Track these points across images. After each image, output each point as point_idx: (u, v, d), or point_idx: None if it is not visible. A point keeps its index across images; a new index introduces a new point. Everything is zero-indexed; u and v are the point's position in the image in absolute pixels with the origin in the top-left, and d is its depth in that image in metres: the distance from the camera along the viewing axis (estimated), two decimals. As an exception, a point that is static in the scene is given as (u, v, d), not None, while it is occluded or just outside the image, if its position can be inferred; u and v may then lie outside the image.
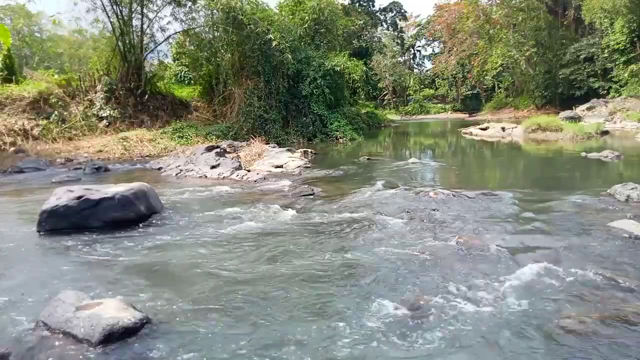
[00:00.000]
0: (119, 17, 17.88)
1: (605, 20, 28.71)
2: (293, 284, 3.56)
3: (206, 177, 9.44)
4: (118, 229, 5.20)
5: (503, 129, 19.33)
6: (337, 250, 4.34)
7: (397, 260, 3.99)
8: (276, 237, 4.86)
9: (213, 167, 9.89)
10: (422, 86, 52.37)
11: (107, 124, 16.24)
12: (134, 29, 18.39)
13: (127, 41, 18.16)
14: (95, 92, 17.11)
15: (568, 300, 3.14)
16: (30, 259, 4.30)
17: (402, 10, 53.58)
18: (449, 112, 46.36)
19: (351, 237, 4.77)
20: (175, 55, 24.09)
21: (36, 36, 36.77)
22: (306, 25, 21.06)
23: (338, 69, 18.81)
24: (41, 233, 5.12)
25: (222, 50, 18.49)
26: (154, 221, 5.58)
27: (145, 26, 18.74)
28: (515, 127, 19.15)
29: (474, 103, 46.04)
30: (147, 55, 19.83)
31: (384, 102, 49.24)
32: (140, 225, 5.40)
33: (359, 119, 23.58)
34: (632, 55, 27.66)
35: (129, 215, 5.46)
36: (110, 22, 18.09)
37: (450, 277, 3.59)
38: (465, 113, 43.84)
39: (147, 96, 17.86)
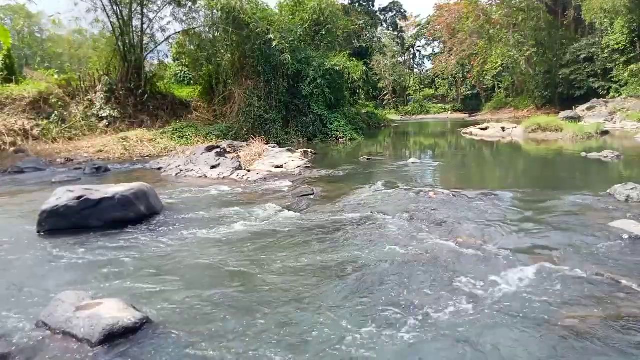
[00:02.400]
0: (119, 17, 17.89)
1: (605, 20, 28.73)
2: (292, 284, 3.57)
3: (206, 177, 9.44)
4: (118, 229, 5.20)
5: (503, 129, 19.33)
6: (337, 250, 4.34)
7: (397, 260, 3.99)
8: (276, 237, 4.86)
9: (213, 167, 9.89)
10: (422, 86, 52.45)
11: (107, 124, 16.25)
12: (134, 29, 18.41)
13: (127, 41, 18.17)
14: (95, 92, 17.12)
15: (568, 301, 3.14)
16: (31, 259, 4.30)
17: (402, 10, 53.67)
18: (449, 112, 46.40)
19: (351, 237, 4.77)
20: (175, 55, 24.12)
21: (36, 36, 36.81)
22: (306, 25, 21.06)
23: (338, 69, 18.81)
24: (41, 233, 5.12)
25: (222, 50, 18.50)
26: (154, 221, 5.58)
27: (145, 26, 18.76)
28: (515, 127, 19.15)
29: (474, 103, 46.07)
30: (147, 55, 19.84)
31: (384, 102, 49.27)
32: (140, 225, 5.40)
33: (359, 119, 23.60)
34: (632, 55, 27.68)
35: (129, 215, 5.47)
36: (110, 22, 18.11)
37: (450, 277, 3.59)
38: (465, 113, 43.87)
39: (147, 96, 17.87)
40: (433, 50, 54.65)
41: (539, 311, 3.00)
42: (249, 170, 9.73)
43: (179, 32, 20.18)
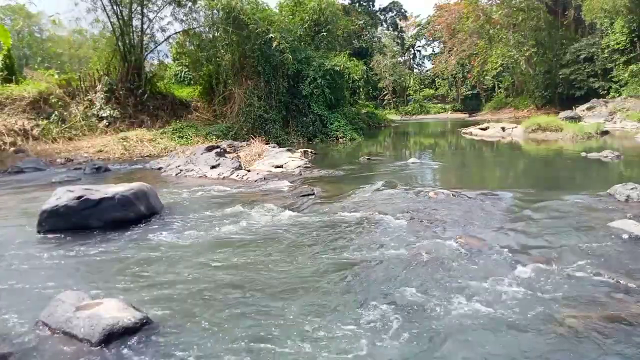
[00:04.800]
0: (119, 17, 17.90)
1: (605, 20, 28.71)
2: (292, 284, 3.57)
3: (206, 177, 9.44)
4: (118, 229, 5.20)
5: (503, 129, 19.33)
6: (337, 250, 4.34)
7: (397, 260, 3.99)
8: (276, 237, 4.86)
9: (213, 167, 9.89)
10: (422, 86, 52.45)
11: (107, 124, 16.25)
12: (134, 29, 18.42)
13: (127, 41, 18.17)
14: (95, 92, 17.13)
15: (568, 300, 3.14)
16: (30, 259, 4.30)
17: (402, 10, 53.63)
18: (449, 112, 46.40)
19: (351, 237, 4.77)
20: (175, 55, 24.11)
21: (36, 36, 36.80)
22: (306, 25, 21.07)
23: (338, 69, 18.81)
24: (41, 233, 5.12)
25: (222, 50, 18.50)
26: (154, 221, 5.58)
27: (145, 26, 18.78)
28: (515, 127, 19.15)
29: (474, 103, 46.05)
30: (147, 55, 19.84)
31: (384, 102, 49.26)
32: (140, 225, 5.40)
33: (359, 119, 23.59)
34: (632, 55, 27.66)
35: (129, 215, 5.47)
36: (111, 23, 18.12)
37: (450, 277, 3.59)
38: (465, 113, 43.87)
39: (147, 96, 17.87)
40: (433, 50, 54.70)
41: (539, 311, 3.00)
42: (249, 170, 9.73)
43: (179, 32, 20.20)
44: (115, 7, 17.80)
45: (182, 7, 18.96)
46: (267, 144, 13.67)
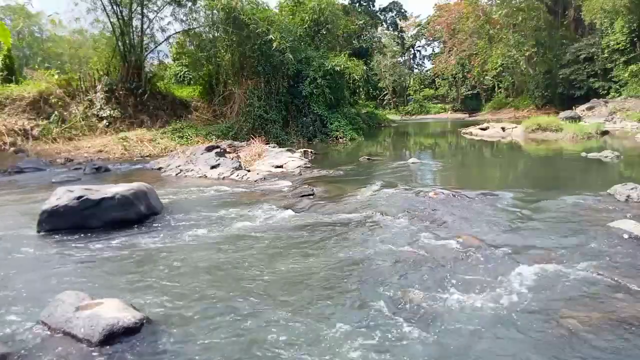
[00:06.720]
0: (119, 17, 17.91)
1: (605, 20, 28.68)
2: (292, 284, 3.57)
3: (206, 177, 9.44)
4: (118, 229, 5.20)
5: (503, 129, 19.33)
6: (337, 250, 4.34)
7: (397, 260, 3.99)
8: (276, 237, 4.86)
9: (213, 167, 9.89)
10: (422, 86, 52.48)
11: (107, 124, 16.25)
12: (134, 29, 18.43)
13: (127, 41, 18.18)
14: (95, 92, 17.13)
15: (568, 300, 3.14)
16: (31, 259, 4.30)
17: (402, 10, 53.45)
18: (449, 112, 46.43)
19: (351, 237, 4.77)
20: (175, 55, 24.11)
21: (36, 36, 36.78)
22: (306, 25, 21.07)
23: (338, 69, 18.81)
24: (41, 233, 5.12)
25: (222, 50, 18.50)
26: (154, 221, 5.58)
27: (145, 26, 18.78)
28: (515, 127, 19.15)
29: (474, 103, 46.04)
30: (147, 55, 19.85)
31: (384, 102, 49.32)
32: (141, 225, 5.40)
33: (359, 119, 23.58)
34: (632, 55, 27.65)
35: (129, 216, 5.47)
36: (111, 23, 18.12)
37: (450, 277, 3.59)
38: (465, 113, 43.87)
39: (147, 96, 17.87)
40: (433, 50, 54.66)
41: (539, 311, 3.00)
42: (249, 170, 9.73)
43: (179, 32, 20.21)
44: (115, 7, 17.81)
45: (182, 7, 18.98)
46: (267, 144, 13.65)
